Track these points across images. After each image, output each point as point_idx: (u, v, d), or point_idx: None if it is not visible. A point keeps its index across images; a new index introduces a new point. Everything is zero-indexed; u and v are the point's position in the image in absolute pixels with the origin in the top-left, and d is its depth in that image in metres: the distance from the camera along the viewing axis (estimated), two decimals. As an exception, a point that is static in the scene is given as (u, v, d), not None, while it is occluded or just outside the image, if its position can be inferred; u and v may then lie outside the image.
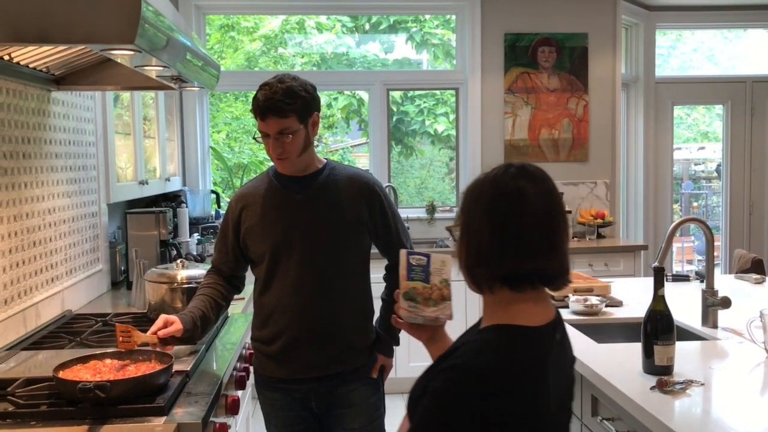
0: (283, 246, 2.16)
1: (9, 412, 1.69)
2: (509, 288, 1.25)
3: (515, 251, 1.24)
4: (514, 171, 1.29)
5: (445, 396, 1.19)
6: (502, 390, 1.18)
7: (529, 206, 1.25)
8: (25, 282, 2.45)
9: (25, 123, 2.49)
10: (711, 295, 2.44)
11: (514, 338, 1.24)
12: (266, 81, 2.11)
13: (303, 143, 2.13)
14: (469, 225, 1.29)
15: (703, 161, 8.58)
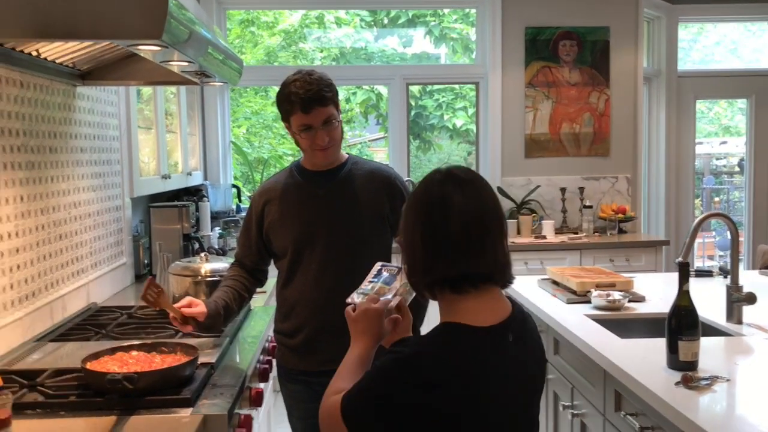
0: (305, 240, 2.17)
1: (39, 402, 1.72)
2: (450, 290, 1.31)
3: (445, 255, 1.29)
4: (439, 177, 1.36)
5: (381, 376, 1.29)
6: (434, 382, 1.24)
7: (454, 210, 1.30)
8: (51, 275, 2.48)
9: (52, 118, 2.52)
10: (736, 290, 2.42)
11: (453, 335, 1.30)
12: (291, 78, 2.11)
13: (341, 130, 2.19)
14: (405, 237, 1.36)
15: (724, 156, 8.49)
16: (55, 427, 1.61)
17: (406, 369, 1.27)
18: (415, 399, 1.24)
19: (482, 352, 1.30)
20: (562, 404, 2.56)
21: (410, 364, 1.27)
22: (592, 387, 2.29)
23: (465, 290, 1.31)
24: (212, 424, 1.67)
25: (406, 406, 1.25)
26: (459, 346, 1.29)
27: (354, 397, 1.32)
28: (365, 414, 1.31)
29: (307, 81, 2.08)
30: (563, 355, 2.61)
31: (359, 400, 1.31)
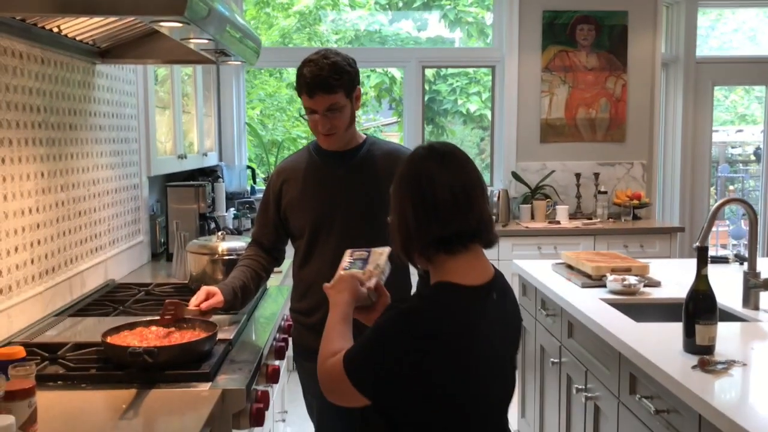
0: (322, 220, 2.18)
1: (60, 374, 1.75)
2: (444, 252, 1.44)
3: (436, 217, 1.43)
4: (423, 153, 1.50)
5: (384, 329, 1.42)
6: (429, 333, 1.38)
7: (440, 180, 1.44)
8: (70, 251, 2.51)
9: (71, 95, 2.53)
10: (753, 276, 2.42)
11: (448, 292, 1.44)
12: (309, 57, 2.11)
13: (349, 118, 2.15)
14: (396, 207, 1.49)
15: (740, 144, 8.42)
16: (77, 399, 1.63)
17: (407, 322, 1.40)
18: (416, 349, 1.37)
19: (473, 308, 1.44)
20: (575, 387, 2.57)
21: (411, 317, 1.41)
22: (607, 370, 2.29)
23: (456, 250, 1.44)
24: (231, 399, 1.69)
25: (407, 356, 1.37)
26: (454, 302, 1.43)
27: (357, 354, 1.42)
28: (369, 368, 1.40)
29: (318, 65, 2.06)
30: (577, 338, 2.61)
31: (363, 355, 1.42)
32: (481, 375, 1.44)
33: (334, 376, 1.44)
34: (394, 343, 1.39)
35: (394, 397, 1.40)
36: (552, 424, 2.94)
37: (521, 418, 3.48)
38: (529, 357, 3.29)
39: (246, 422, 1.80)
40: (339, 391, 1.45)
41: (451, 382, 1.40)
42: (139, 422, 1.52)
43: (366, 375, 1.41)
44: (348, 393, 1.42)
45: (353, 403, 1.45)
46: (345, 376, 1.41)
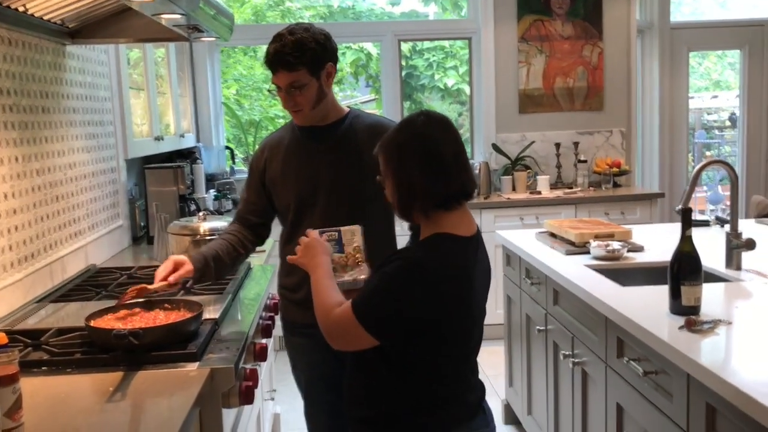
0: (306, 196, 2.16)
1: (44, 360, 1.72)
2: (443, 209, 1.60)
3: (444, 177, 1.58)
4: (423, 119, 1.63)
5: (393, 277, 1.55)
6: (438, 279, 1.54)
7: (444, 143, 1.60)
8: (50, 236, 2.46)
9: (42, 77, 2.47)
10: (735, 237, 2.44)
11: (446, 241, 1.60)
12: (279, 32, 2.06)
13: (316, 96, 2.09)
14: (398, 170, 1.60)
15: (715, 110, 8.48)
16: (62, 384, 1.61)
17: (414, 269, 1.54)
18: (422, 293, 1.53)
19: (468, 255, 1.62)
20: (562, 354, 2.58)
21: (417, 264, 1.55)
22: (594, 335, 2.31)
23: (453, 207, 1.61)
24: (219, 377, 1.68)
25: (414, 299, 1.53)
26: (453, 250, 1.59)
27: (367, 301, 1.57)
28: (381, 312, 1.55)
29: (282, 41, 2.01)
30: (563, 305, 2.63)
31: (373, 302, 1.56)
32: (470, 317, 1.65)
33: (344, 324, 1.58)
34: (403, 289, 1.53)
35: (398, 336, 1.56)
36: (540, 392, 2.96)
37: (509, 387, 3.50)
38: (515, 326, 3.31)
39: (235, 401, 1.79)
40: (348, 336, 1.59)
41: (447, 322, 1.58)
42: (127, 404, 1.50)
43: (377, 319, 1.55)
44: (357, 337, 1.57)
45: (360, 347, 1.60)
46: (356, 322, 1.55)
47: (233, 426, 1.94)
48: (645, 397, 1.93)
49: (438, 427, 1.63)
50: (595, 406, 2.33)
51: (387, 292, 1.55)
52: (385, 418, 1.65)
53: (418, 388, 1.62)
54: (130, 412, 1.47)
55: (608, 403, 2.20)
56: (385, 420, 1.65)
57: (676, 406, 1.76)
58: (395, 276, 1.55)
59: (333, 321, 1.60)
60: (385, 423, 1.65)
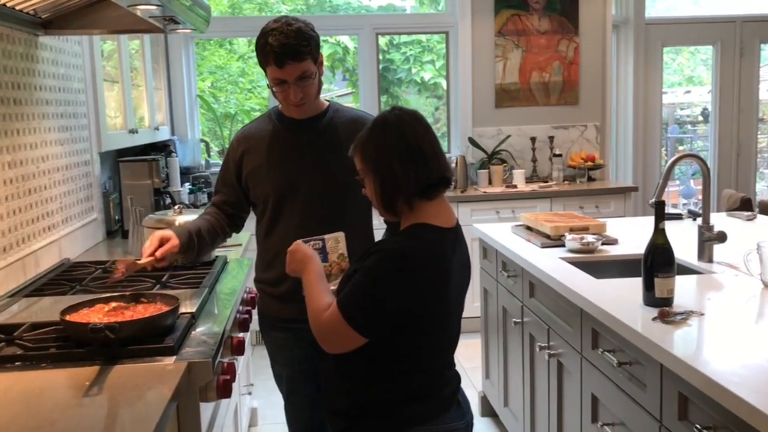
0: (286, 189, 2.15)
1: (18, 355, 1.70)
2: (426, 198, 1.62)
3: (424, 166, 1.59)
4: (393, 117, 1.65)
5: (374, 270, 1.56)
6: (419, 267, 1.55)
7: (420, 134, 1.63)
8: (23, 230, 2.43)
9: (14, 68, 2.43)
10: (707, 230, 2.48)
11: (426, 231, 1.61)
12: (270, 26, 2.01)
13: (318, 84, 2.10)
14: (377, 167, 1.61)
15: (688, 105, 8.59)
16: (37, 379, 1.59)
17: (397, 261, 1.55)
18: (406, 284, 1.54)
19: (448, 246, 1.63)
20: (538, 345, 2.61)
21: (398, 254, 1.56)
22: (569, 327, 2.33)
23: (434, 195, 1.63)
24: (197, 371, 1.67)
25: (399, 292, 1.54)
26: (435, 240, 1.61)
27: (353, 300, 1.56)
28: (367, 309, 1.55)
29: (284, 33, 1.97)
30: (539, 297, 2.65)
31: (359, 300, 1.56)
32: (447, 309, 1.66)
33: (334, 326, 1.58)
34: (385, 280, 1.55)
35: (384, 330, 1.57)
36: (516, 384, 2.99)
37: (486, 380, 3.53)
38: (492, 319, 3.34)
39: (213, 394, 1.78)
40: (340, 338, 1.59)
41: (425, 313, 1.59)
42: (104, 398, 1.49)
43: (365, 316, 1.56)
44: (348, 338, 1.57)
45: (352, 347, 1.59)
46: (345, 323, 1.56)
47: (210, 420, 1.94)
48: (619, 387, 1.96)
49: (413, 419, 1.64)
50: (571, 396, 2.36)
51: (370, 287, 1.56)
52: (360, 410, 1.65)
53: (395, 381, 1.63)
54: (107, 407, 1.46)
55: (583, 393, 2.23)
56: (361, 412, 1.65)
57: (649, 395, 1.79)
58: (376, 269, 1.56)
59: (323, 324, 1.61)
60: (360, 415, 1.66)
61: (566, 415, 2.43)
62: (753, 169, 6.00)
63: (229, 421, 2.45)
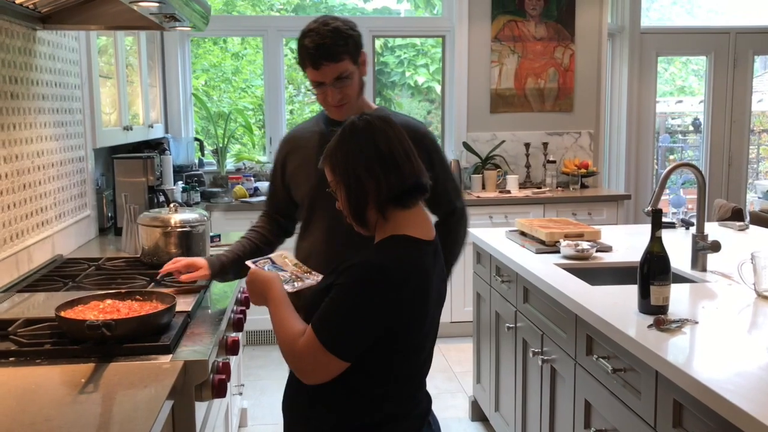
0: (320, 192, 2.05)
1: (12, 350, 1.68)
2: (401, 206, 1.51)
3: (396, 171, 1.49)
4: (362, 122, 1.54)
5: (351, 287, 1.43)
6: (397, 282, 1.43)
7: (392, 138, 1.52)
8: (16, 225, 2.41)
9: (12, 62, 2.42)
10: (701, 239, 2.49)
11: (405, 243, 1.51)
12: (308, 26, 1.98)
13: (359, 85, 2.04)
14: (345, 176, 1.51)
15: (679, 115, 8.65)
16: (32, 375, 1.58)
17: (373, 273, 1.44)
18: (386, 300, 1.43)
19: (427, 259, 1.53)
20: (531, 351, 2.62)
21: (377, 268, 1.44)
22: (563, 333, 2.34)
23: (411, 204, 1.53)
24: (193, 370, 1.66)
25: (379, 309, 1.43)
26: (414, 253, 1.50)
27: (330, 322, 1.44)
28: (348, 331, 1.43)
29: (320, 33, 1.93)
30: (533, 303, 2.66)
31: (338, 322, 1.44)
32: (426, 328, 1.55)
33: (311, 354, 1.44)
34: (366, 299, 1.43)
35: (365, 349, 1.46)
36: (508, 389, 2.99)
37: (477, 384, 3.53)
38: (484, 323, 3.34)
39: (208, 394, 1.77)
40: (319, 367, 1.45)
41: (406, 332, 1.49)
42: (99, 396, 1.48)
43: (345, 339, 1.43)
44: (328, 365, 1.44)
45: (334, 374, 1.46)
46: (323, 349, 1.42)
47: (203, 419, 1.93)
48: (613, 393, 1.96)
49: None
50: (564, 402, 2.36)
51: (348, 306, 1.43)
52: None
53: (363, 406, 1.53)
54: (103, 404, 1.44)
55: (576, 399, 2.23)
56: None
57: (644, 402, 1.80)
58: (354, 285, 1.44)
59: (299, 353, 1.46)
60: None
61: (558, 421, 2.43)
62: (744, 179, 6.05)
63: (220, 422, 2.44)
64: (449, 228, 2.13)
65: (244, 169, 5.24)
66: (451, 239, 2.13)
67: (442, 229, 2.02)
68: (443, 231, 2.02)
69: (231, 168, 5.28)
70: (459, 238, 2.18)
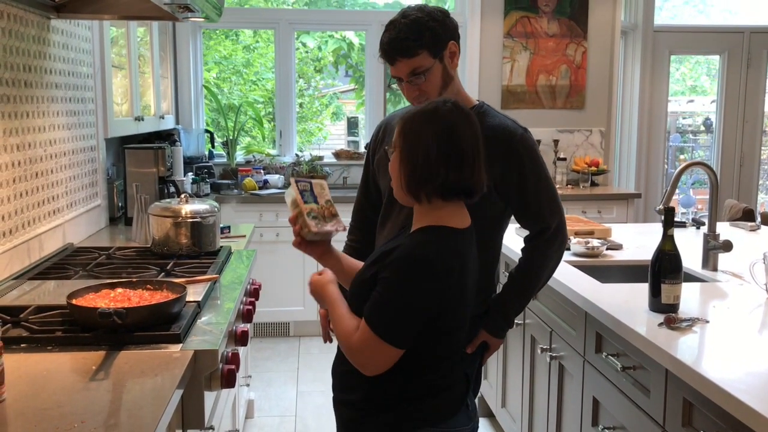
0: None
1: (24, 337, 1.69)
2: (442, 198, 1.54)
3: (454, 167, 1.51)
4: (450, 106, 1.56)
5: (398, 280, 1.49)
6: (440, 272, 1.49)
7: (464, 134, 1.54)
8: (28, 213, 2.42)
9: (26, 50, 2.43)
10: (713, 238, 2.48)
11: (444, 235, 1.54)
12: (391, 19, 1.87)
13: (441, 80, 1.87)
14: (414, 147, 1.53)
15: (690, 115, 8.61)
16: (43, 361, 1.58)
17: (421, 266, 1.48)
18: (431, 287, 1.48)
19: (464, 248, 1.57)
20: (540, 347, 2.61)
21: (422, 259, 1.49)
22: (573, 330, 2.33)
23: (453, 199, 1.55)
24: (203, 360, 1.67)
25: (427, 296, 1.48)
26: (453, 243, 1.55)
27: (380, 312, 1.50)
28: (400, 321, 1.49)
29: (396, 26, 1.83)
30: (542, 300, 2.65)
31: (390, 313, 1.49)
32: (466, 309, 1.61)
33: (368, 345, 1.50)
34: (414, 290, 1.48)
35: (416, 335, 1.51)
36: (515, 385, 2.99)
37: (483, 380, 3.53)
38: (492, 320, 3.33)
39: (217, 384, 1.78)
40: (377, 356, 1.51)
41: (447, 314, 1.54)
42: (110, 383, 1.48)
43: (398, 328, 1.49)
44: (386, 354, 1.50)
45: (392, 363, 1.52)
46: (379, 339, 1.49)
47: (212, 409, 1.94)
48: (622, 391, 1.96)
49: (424, 419, 1.60)
50: (571, 399, 2.36)
51: (398, 297, 1.49)
52: (371, 404, 1.62)
53: (405, 378, 1.58)
54: (113, 392, 1.45)
55: (584, 396, 2.23)
56: (372, 406, 1.62)
57: (653, 400, 1.79)
58: (400, 279, 1.49)
59: (356, 347, 1.52)
60: (370, 409, 1.62)
61: (566, 418, 2.43)
62: (755, 180, 6.02)
63: (227, 412, 2.45)
64: (536, 246, 1.94)
65: (253, 161, 5.25)
66: (537, 261, 1.95)
67: (530, 246, 1.95)
68: (530, 248, 1.95)
69: (241, 160, 5.29)
70: (546, 260, 1.95)
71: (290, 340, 4.76)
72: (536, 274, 1.96)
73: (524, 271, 1.96)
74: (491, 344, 1.98)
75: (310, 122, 8.29)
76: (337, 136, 8.92)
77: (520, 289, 1.97)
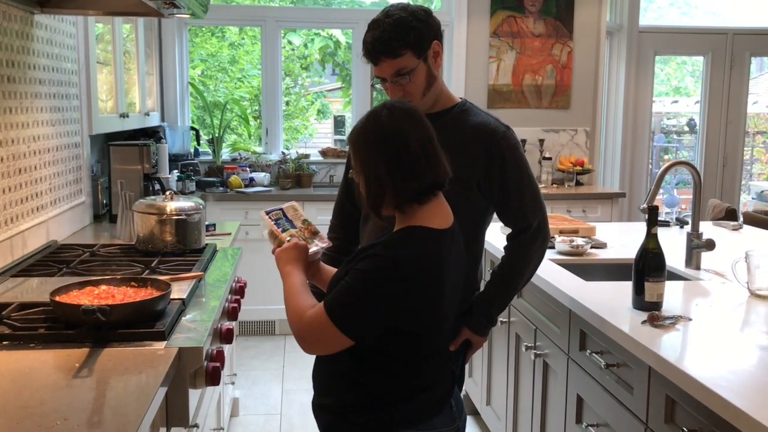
0: None
1: (6, 334, 1.68)
2: (417, 203, 1.53)
3: (414, 173, 1.50)
4: (386, 112, 1.53)
5: (365, 275, 1.49)
6: (411, 275, 1.48)
7: (411, 136, 1.51)
8: (11, 209, 2.40)
9: (9, 45, 2.40)
10: (696, 237, 2.50)
11: (420, 235, 1.53)
12: (374, 18, 1.84)
13: (425, 80, 1.85)
14: (366, 168, 1.52)
15: (674, 115, 8.68)
16: (26, 359, 1.57)
17: (390, 266, 1.48)
18: (399, 290, 1.47)
19: (442, 248, 1.55)
20: (524, 345, 2.62)
21: (392, 260, 1.49)
22: (557, 328, 2.35)
23: (428, 200, 1.54)
24: (188, 357, 1.66)
25: (391, 296, 1.47)
26: (429, 244, 1.53)
27: (341, 301, 1.50)
28: (357, 311, 1.49)
29: (379, 26, 1.80)
30: (527, 297, 2.66)
31: (348, 301, 1.49)
32: (443, 311, 1.59)
33: (318, 327, 1.50)
34: (378, 288, 1.47)
35: (374, 335, 1.51)
36: (500, 383, 3.00)
37: (468, 378, 3.54)
38: (478, 318, 3.34)
39: (202, 381, 1.78)
40: (323, 339, 1.52)
41: (419, 318, 1.53)
42: (94, 380, 1.48)
43: (353, 319, 1.49)
44: (332, 339, 1.50)
45: (335, 349, 1.53)
46: (330, 323, 1.49)
47: (196, 407, 1.93)
48: (606, 389, 1.97)
49: (401, 421, 1.58)
50: (556, 397, 2.37)
51: (362, 291, 1.48)
52: (346, 409, 1.60)
53: (383, 382, 1.58)
54: (97, 389, 1.44)
55: (569, 394, 2.24)
56: (345, 410, 1.60)
57: (636, 398, 1.80)
58: (368, 273, 1.49)
59: (306, 324, 1.53)
60: (346, 413, 1.60)
61: (550, 415, 2.44)
62: (738, 180, 6.07)
63: (212, 410, 2.44)
64: (519, 244, 1.95)
65: (239, 159, 5.23)
66: (519, 259, 1.95)
67: (512, 244, 1.97)
68: (513, 246, 1.96)
69: (227, 158, 5.27)
70: (529, 258, 1.95)
71: (276, 339, 4.75)
72: (519, 271, 1.97)
73: (507, 269, 1.97)
74: (474, 342, 1.99)
75: (297, 120, 8.29)
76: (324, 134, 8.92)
77: (502, 286, 1.98)
